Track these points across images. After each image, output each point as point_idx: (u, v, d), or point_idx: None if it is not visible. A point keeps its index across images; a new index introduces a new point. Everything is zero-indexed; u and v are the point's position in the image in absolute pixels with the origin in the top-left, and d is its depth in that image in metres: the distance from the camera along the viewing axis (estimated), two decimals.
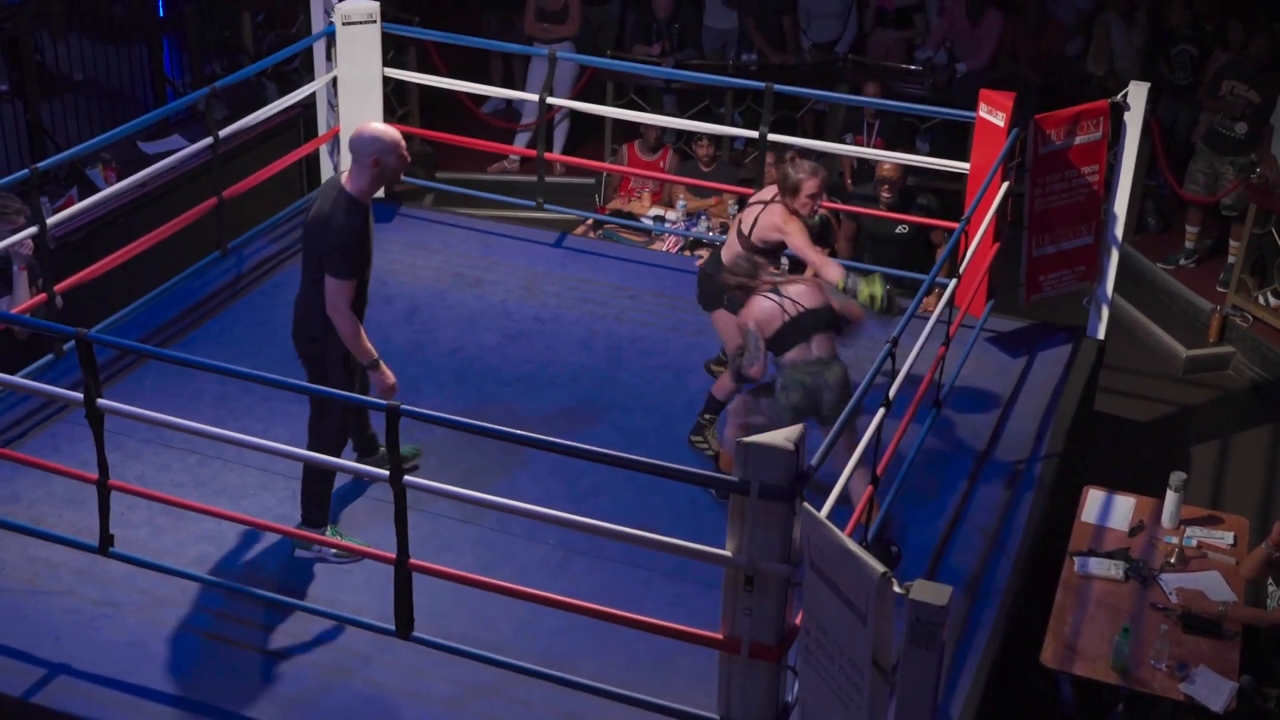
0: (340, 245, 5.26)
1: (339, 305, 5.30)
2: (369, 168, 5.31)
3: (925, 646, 3.87)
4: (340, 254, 5.26)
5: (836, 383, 5.63)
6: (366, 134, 5.35)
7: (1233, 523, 6.37)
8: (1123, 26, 10.27)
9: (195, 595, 5.45)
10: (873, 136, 9.73)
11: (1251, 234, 8.86)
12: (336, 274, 5.27)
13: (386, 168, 5.36)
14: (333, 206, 5.31)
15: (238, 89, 8.83)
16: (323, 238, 5.30)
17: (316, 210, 5.40)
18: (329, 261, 5.27)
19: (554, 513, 4.86)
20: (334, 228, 5.27)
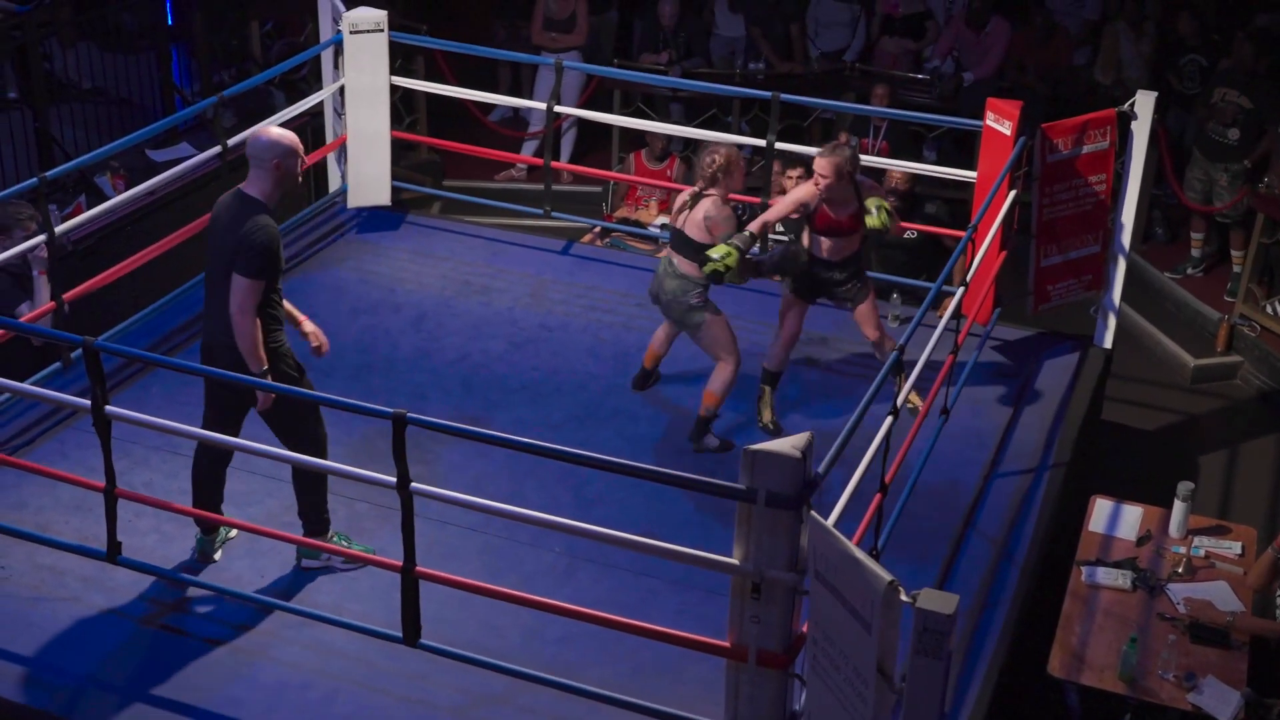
0: (251, 244, 5.17)
1: (246, 306, 5.19)
2: (271, 171, 5.27)
3: (931, 655, 3.86)
4: (250, 252, 5.16)
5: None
6: (265, 139, 5.29)
7: (1240, 533, 6.35)
8: (1131, 36, 10.26)
9: (202, 602, 5.45)
10: (878, 139, 9.72)
11: (1259, 243, 8.85)
12: (245, 273, 5.17)
13: (288, 171, 5.31)
14: (238, 212, 5.25)
15: (246, 97, 8.85)
16: (236, 242, 5.20)
17: (224, 222, 5.30)
18: (243, 261, 5.17)
19: (560, 520, 4.86)
20: (246, 231, 5.18)
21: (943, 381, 6.22)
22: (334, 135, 8.51)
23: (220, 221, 5.34)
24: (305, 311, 7.51)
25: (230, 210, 5.32)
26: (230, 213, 5.30)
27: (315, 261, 8.11)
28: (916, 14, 10.88)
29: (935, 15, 10.95)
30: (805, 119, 10.39)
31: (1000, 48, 10.49)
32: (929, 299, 5.75)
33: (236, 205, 5.30)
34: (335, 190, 8.65)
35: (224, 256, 5.26)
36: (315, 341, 5.76)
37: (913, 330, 5.52)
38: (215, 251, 5.33)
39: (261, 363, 5.29)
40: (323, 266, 8.06)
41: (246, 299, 5.19)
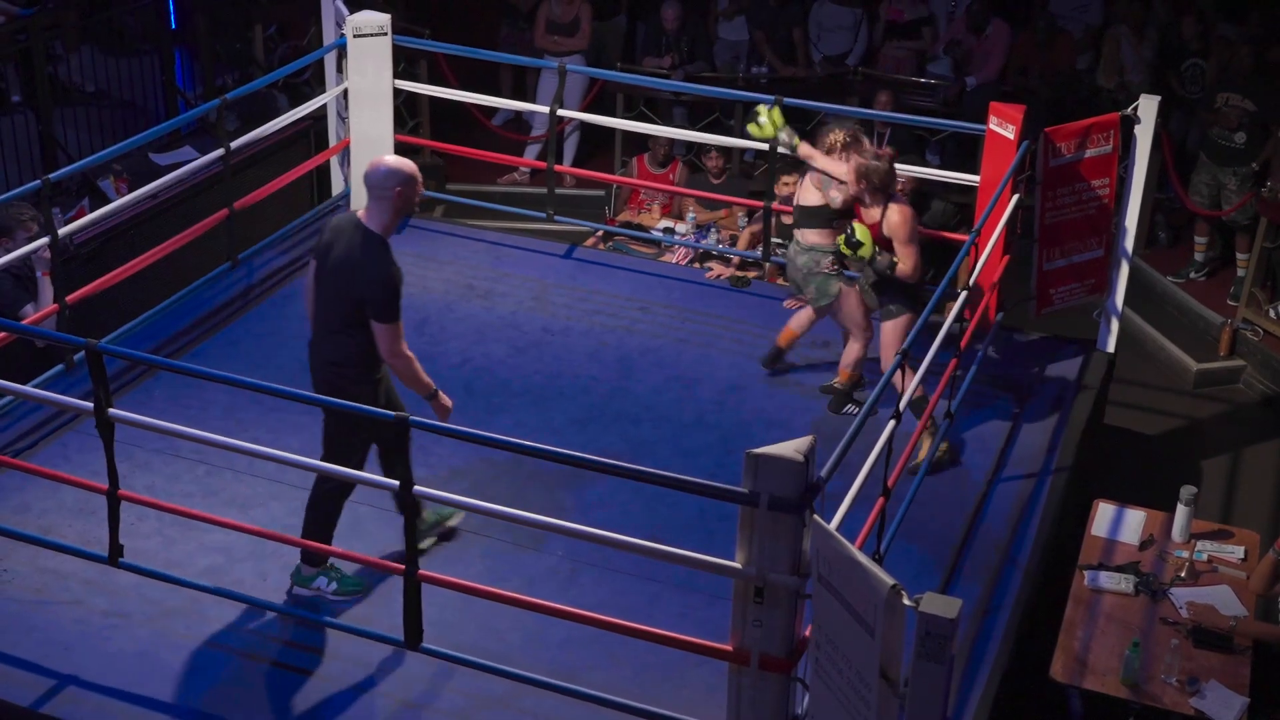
0: (386, 290, 5.14)
1: (397, 350, 5.21)
2: (392, 201, 5.19)
3: (934, 659, 3.86)
4: (387, 300, 5.14)
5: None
6: (384, 168, 5.21)
7: (1243, 537, 6.34)
8: (1133, 41, 10.27)
9: (204, 606, 5.45)
10: (883, 144, 9.72)
11: (1262, 247, 8.85)
12: (388, 319, 5.16)
13: (408, 199, 5.24)
14: (362, 251, 5.17)
15: (249, 100, 8.87)
16: (361, 286, 5.15)
17: (343, 254, 5.21)
18: (377, 308, 5.14)
19: (562, 523, 4.87)
20: (373, 275, 5.14)
21: (946, 385, 6.22)
22: (337, 139, 8.52)
23: (338, 251, 5.23)
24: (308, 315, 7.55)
25: (352, 245, 5.20)
26: (353, 248, 5.19)
27: None
28: (919, 19, 10.88)
29: (937, 20, 10.95)
30: (808, 123, 10.39)
31: (1001, 51, 10.49)
32: (932, 302, 5.76)
33: (359, 240, 5.19)
34: (338, 194, 8.66)
35: (343, 289, 5.20)
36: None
37: (914, 334, 5.52)
38: (333, 280, 5.25)
39: (428, 387, 5.38)
40: None
41: (395, 341, 5.20)
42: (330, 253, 5.28)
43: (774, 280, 8.24)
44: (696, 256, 8.76)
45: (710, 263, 8.47)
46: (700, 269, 8.44)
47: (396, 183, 5.18)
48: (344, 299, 5.22)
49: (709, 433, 6.71)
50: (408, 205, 5.25)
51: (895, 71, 10.63)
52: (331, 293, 5.28)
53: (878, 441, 5.22)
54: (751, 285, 8.11)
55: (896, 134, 9.75)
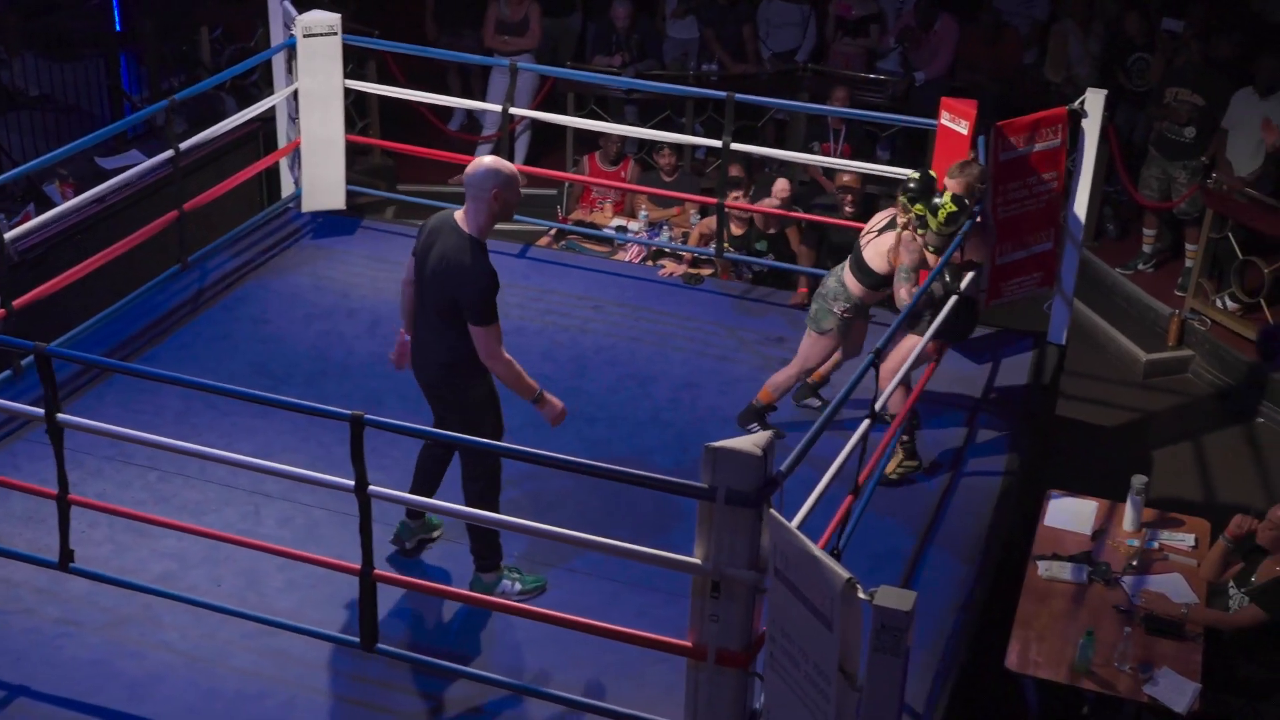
0: (483, 293, 5.15)
1: (495, 352, 5.22)
2: (490, 202, 5.17)
3: (890, 652, 3.88)
4: (484, 303, 5.16)
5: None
6: (483, 169, 5.18)
7: (1193, 525, 6.42)
8: (1080, 35, 10.35)
9: (158, 612, 5.40)
10: (839, 143, 9.76)
11: (1209, 238, 8.94)
12: (484, 321, 5.17)
13: (508, 203, 5.23)
14: (460, 253, 5.18)
15: (196, 103, 8.79)
16: (458, 286, 5.17)
17: (442, 256, 5.21)
18: (474, 312, 5.16)
19: (519, 522, 4.86)
20: (470, 277, 5.15)
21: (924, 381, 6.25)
22: (286, 140, 8.47)
23: (436, 252, 5.24)
24: (260, 318, 7.52)
25: (448, 246, 5.22)
26: (448, 250, 5.21)
27: (269, 267, 8.06)
28: (868, 16, 10.93)
29: (886, 17, 11.00)
30: (759, 120, 10.42)
31: (949, 47, 10.55)
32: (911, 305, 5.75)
33: (454, 242, 5.21)
34: (289, 195, 8.60)
35: (443, 291, 5.22)
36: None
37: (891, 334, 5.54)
38: (433, 282, 5.26)
39: (532, 390, 5.36)
40: (277, 272, 8.01)
41: (492, 344, 5.21)
42: (429, 254, 5.28)
43: (726, 277, 8.26)
44: (649, 254, 8.77)
45: (663, 260, 8.48)
46: (653, 267, 8.44)
47: (495, 184, 5.16)
48: (444, 300, 5.23)
49: (664, 431, 6.72)
50: (506, 208, 5.24)
51: (844, 68, 10.67)
52: (433, 295, 5.28)
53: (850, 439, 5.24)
54: (704, 283, 8.12)
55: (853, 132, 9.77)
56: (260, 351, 7.22)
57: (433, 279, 5.27)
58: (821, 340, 6.46)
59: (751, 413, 6.62)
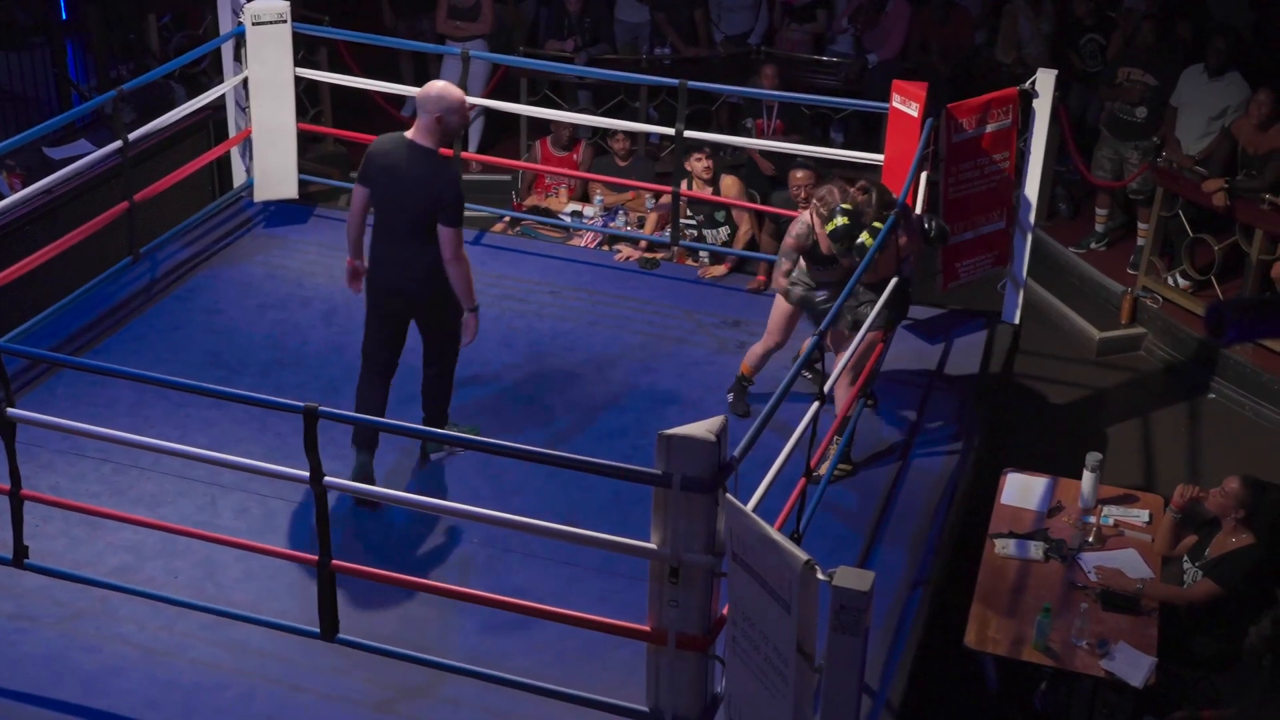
0: (458, 197, 5.60)
1: (459, 253, 5.63)
2: (433, 124, 5.59)
3: (849, 632, 3.90)
4: (459, 205, 5.60)
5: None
6: (432, 93, 5.62)
7: (1148, 501, 6.48)
8: (1030, 15, 10.40)
9: (114, 606, 5.36)
10: (772, 119, 9.73)
11: (1159, 216, 9.02)
12: (456, 224, 5.59)
13: (448, 126, 5.64)
14: (424, 166, 5.60)
15: (145, 92, 8.69)
16: (440, 192, 5.56)
17: (410, 172, 5.61)
18: (450, 213, 5.57)
19: (478, 510, 4.85)
20: (447, 182, 5.60)
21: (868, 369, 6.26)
22: (237, 129, 8.40)
23: (404, 170, 5.63)
24: (213, 308, 7.47)
25: (414, 161, 5.62)
26: (421, 163, 5.61)
27: (222, 257, 8.00)
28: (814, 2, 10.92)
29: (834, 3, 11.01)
30: (712, 103, 10.42)
31: (901, 28, 10.57)
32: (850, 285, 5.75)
33: (420, 156, 5.62)
34: (240, 184, 8.54)
35: (415, 203, 5.60)
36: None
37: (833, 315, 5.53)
38: (402, 197, 5.65)
39: (473, 300, 5.76)
40: (230, 262, 7.96)
41: (459, 245, 5.63)
42: (390, 175, 5.66)
43: (682, 261, 8.26)
44: (605, 239, 8.76)
45: (619, 245, 8.47)
46: (609, 251, 8.43)
47: (439, 110, 5.59)
48: (423, 212, 5.60)
49: (622, 415, 6.72)
50: (449, 132, 5.69)
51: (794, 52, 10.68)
52: (409, 209, 5.64)
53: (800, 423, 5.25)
54: (660, 267, 8.12)
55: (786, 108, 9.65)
56: (214, 342, 7.17)
57: (408, 195, 5.62)
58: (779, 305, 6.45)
59: (736, 385, 6.70)
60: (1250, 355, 8.47)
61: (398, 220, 5.67)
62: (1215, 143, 8.75)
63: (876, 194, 6.09)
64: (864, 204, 6.03)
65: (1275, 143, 8.38)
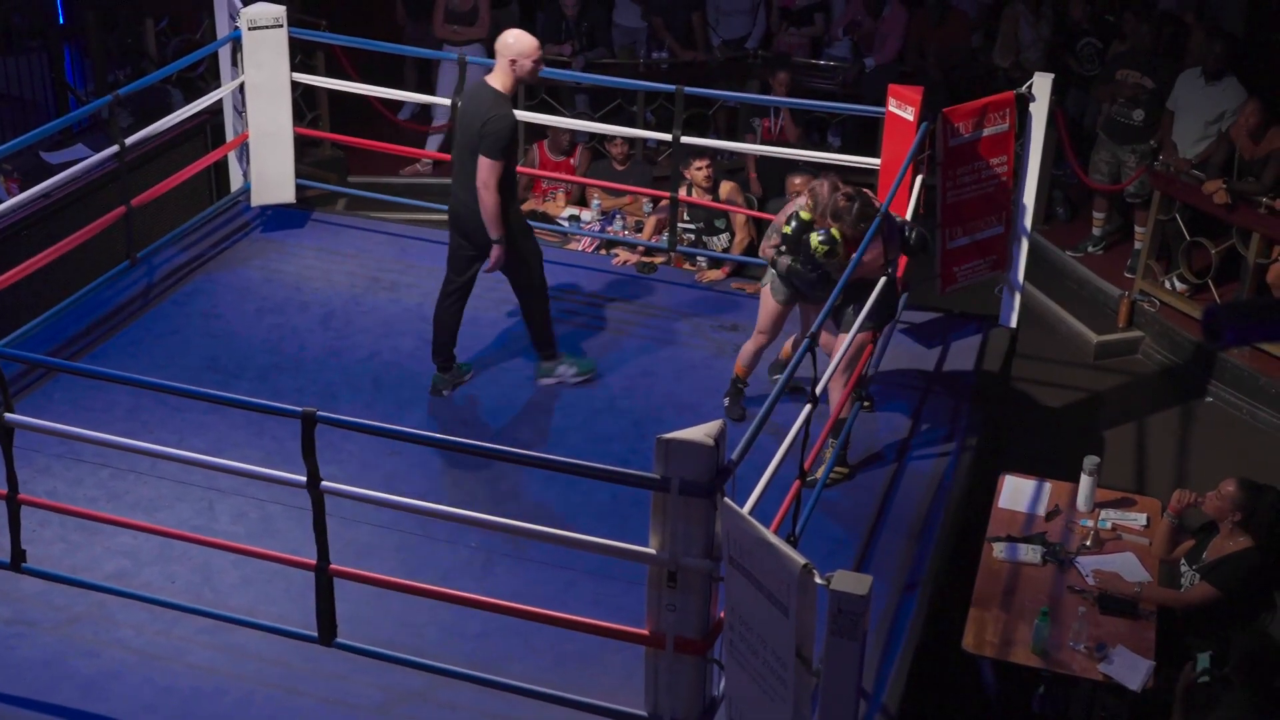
0: (494, 130, 6.09)
1: (489, 182, 6.12)
2: (507, 67, 6.19)
3: (847, 636, 3.91)
4: (494, 137, 6.09)
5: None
6: (508, 38, 6.22)
7: (1145, 504, 6.48)
8: (1030, 19, 10.41)
9: (112, 611, 5.36)
10: (779, 120, 9.77)
11: (1156, 220, 9.03)
12: (489, 154, 6.09)
13: (520, 70, 6.21)
14: (485, 99, 6.17)
15: (142, 96, 8.70)
16: (482, 124, 6.10)
17: (471, 104, 6.23)
18: (486, 143, 6.09)
19: (475, 515, 4.85)
20: (487, 116, 6.09)
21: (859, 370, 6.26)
22: (234, 133, 8.39)
23: (470, 106, 6.24)
24: (211, 313, 7.47)
25: (477, 97, 6.23)
26: (477, 99, 6.21)
27: (219, 261, 8.00)
28: (812, 5, 10.95)
29: (831, 6, 11.03)
30: (710, 107, 10.43)
31: (898, 32, 10.59)
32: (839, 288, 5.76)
33: (482, 92, 6.22)
34: (238, 189, 8.53)
35: (470, 137, 6.19)
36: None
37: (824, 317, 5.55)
38: (463, 131, 6.30)
39: (500, 230, 6.25)
40: (227, 266, 7.95)
41: (490, 176, 6.11)
42: (462, 110, 6.35)
43: (680, 265, 8.27)
44: (602, 243, 8.77)
45: (616, 249, 8.47)
46: (606, 256, 8.43)
47: (512, 54, 6.19)
48: (472, 140, 6.17)
49: (620, 419, 6.72)
50: (521, 76, 6.27)
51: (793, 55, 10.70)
52: (464, 139, 6.26)
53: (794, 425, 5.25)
54: (658, 271, 8.12)
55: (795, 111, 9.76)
56: (212, 346, 7.17)
57: (464, 125, 6.27)
58: (767, 300, 6.40)
59: (730, 386, 6.68)
60: (1247, 359, 8.48)
61: (459, 150, 6.31)
62: (1213, 146, 8.76)
63: (859, 204, 6.04)
64: (844, 210, 6.01)
65: (1271, 147, 8.39)
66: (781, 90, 9.53)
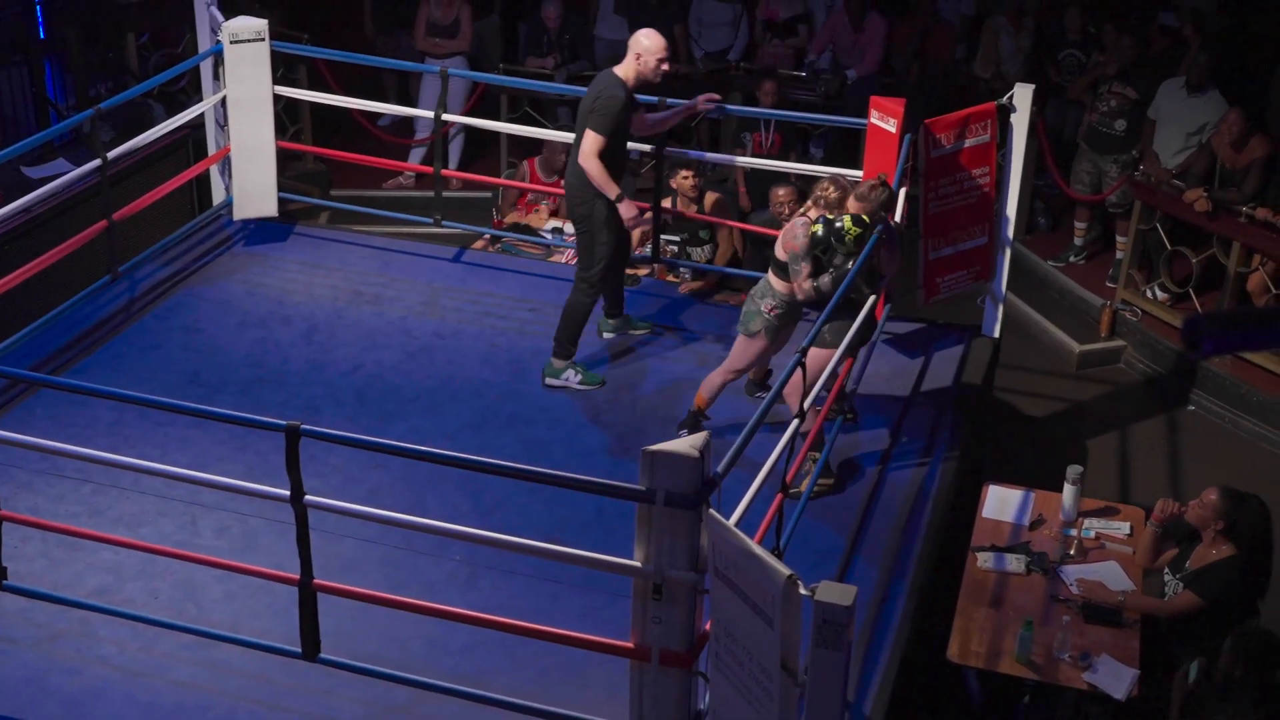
0: (602, 107, 6.53)
1: (589, 152, 6.51)
2: (632, 60, 6.62)
3: (832, 647, 3.90)
4: (600, 113, 6.53)
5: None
6: (641, 34, 6.68)
7: (1129, 513, 6.50)
8: (1011, 31, 10.46)
9: (94, 627, 5.33)
10: (770, 132, 9.78)
11: (1138, 230, 9.06)
12: (593, 128, 6.51)
13: (644, 66, 6.60)
14: (600, 83, 6.65)
15: (124, 111, 8.68)
16: (589, 103, 6.59)
17: (588, 90, 6.71)
18: (590, 119, 6.53)
19: (460, 528, 4.84)
20: (598, 95, 6.57)
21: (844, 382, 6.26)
22: (216, 147, 8.38)
23: (590, 87, 6.73)
24: (193, 327, 7.44)
25: (599, 80, 6.70)
26: (598, 82, 6.69)
27: (202, 275, 7.98)
28: (795, 17, 10.98)
29: (814, 17, 11.06)
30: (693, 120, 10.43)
31: (879, 44, 10.62)
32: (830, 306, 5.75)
33: (605, 77, 6.70)
34: (220, 203, 8.52)
35: (582, 115, 6.65)
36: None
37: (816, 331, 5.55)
38: (579, 112, 6.76)
39: (615, 190, 6.57)
40: (210, 280, 7.93)
41: (590, 146, 6.53)
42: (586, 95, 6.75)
43: (664, 278, 8.27)
44: None
45: None
46: None
47: (637, 49, 6.64)
48: (582, 124, 6.61)
49: (604, 431, 6.72)
50: (643, 70, 6.64)
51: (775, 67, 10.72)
52: (579, 125, 6.67)
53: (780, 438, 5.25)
54: (641, 283, 8.12)
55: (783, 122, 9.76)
56: (194, 361, 7.15)
57: (580, 107, 6.75)
58: (751, 343, 6.32)
59: (689, 417, 6.58)
60: (1229, 367, 8.52)
61: (576, 132, 6.73)
62: (1193, 157, 8.81)
63: (884, 189, 6.13)
64: (877, 196, 6.09)
65: (1252, 157, 8.44)
66: (768, 101, 9.54)
